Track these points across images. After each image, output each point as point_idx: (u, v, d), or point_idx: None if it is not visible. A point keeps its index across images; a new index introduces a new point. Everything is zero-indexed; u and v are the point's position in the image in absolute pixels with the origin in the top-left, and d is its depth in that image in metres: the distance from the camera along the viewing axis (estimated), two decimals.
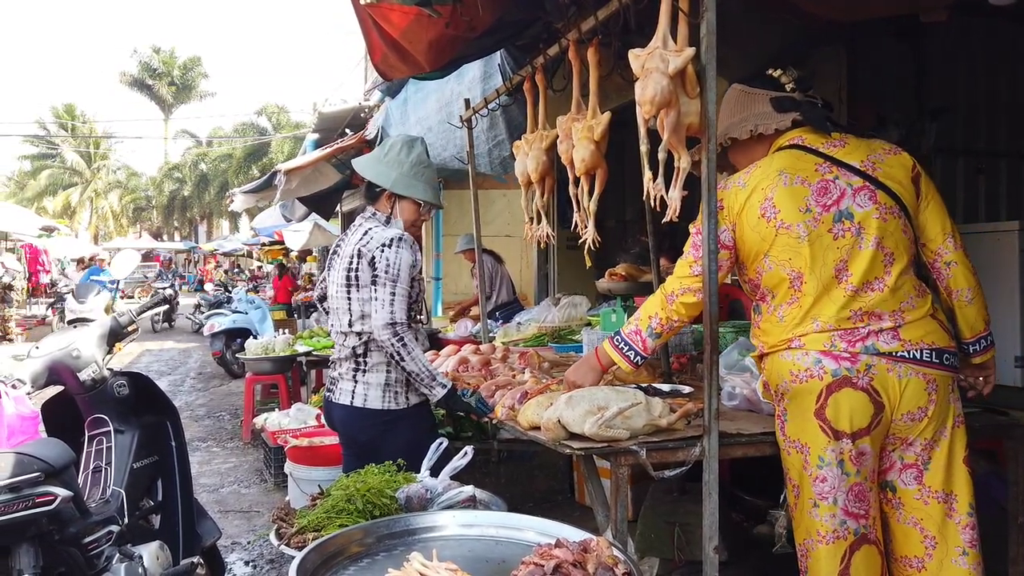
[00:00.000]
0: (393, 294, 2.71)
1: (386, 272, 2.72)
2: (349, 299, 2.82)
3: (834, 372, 2.05)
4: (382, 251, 2.74)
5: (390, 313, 2.70)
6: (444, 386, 2.78)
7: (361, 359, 2.82)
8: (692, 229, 2.29)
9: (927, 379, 2.07)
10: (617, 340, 2.39)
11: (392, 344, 2.70)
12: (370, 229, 2.84)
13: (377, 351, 2.80)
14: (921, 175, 2.19)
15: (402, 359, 2.72)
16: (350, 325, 2.83)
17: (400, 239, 2.78)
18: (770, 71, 2.33)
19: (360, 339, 2.81)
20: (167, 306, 3.47)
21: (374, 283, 2.74)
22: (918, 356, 2.06)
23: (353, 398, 2.83)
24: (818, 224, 2.10)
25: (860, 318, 2.07)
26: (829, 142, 2.20)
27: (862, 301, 2.07)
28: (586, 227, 2.90)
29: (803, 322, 2.10)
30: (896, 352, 2.05)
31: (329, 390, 2.97)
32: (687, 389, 2.81)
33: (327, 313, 3.21)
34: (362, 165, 3.00)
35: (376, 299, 2.73)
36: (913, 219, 2.16)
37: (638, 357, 2.36)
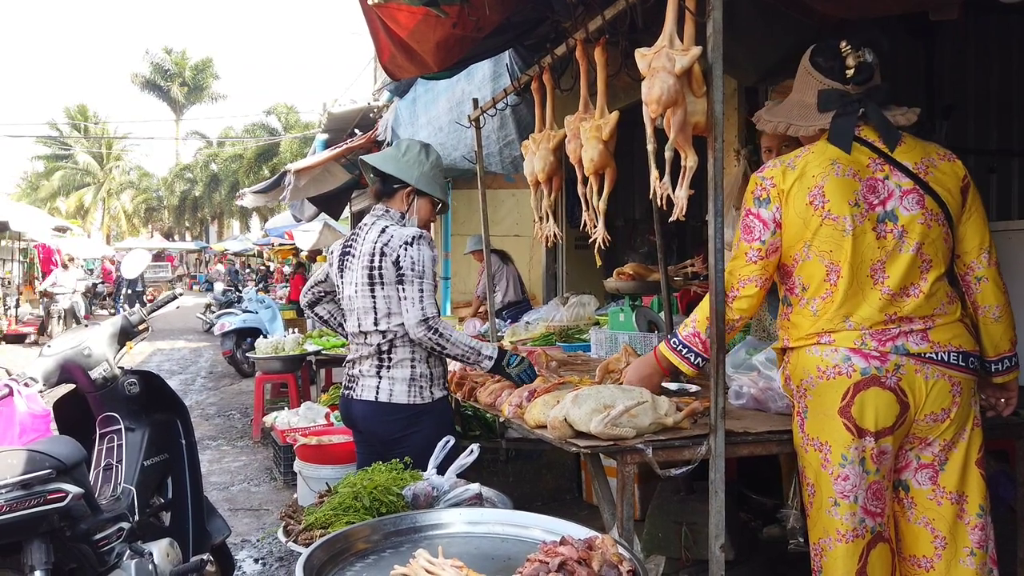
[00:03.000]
0: (422, 291, 2.75)
1: (412, 270, 2.75)
2: (373, 297, 2.83)
3: (863, 370, 2.03)
4: (406, 249, 2.77)
5: (421, 310, 2.73)
6: (491, 357, 2.85)
7: (386, 355, 2.83)
8: (743, 211, 2.18)
9: (952, 381, 2.06)
10: (675, 343, 2.30)
11: (430, 338, 2.74)
12: (387, 227, 2.85)
13: (402, 347, 2.82)
14: (970, 185, 2.16)
15: (444, 348, 2.77)
16: (375, 324, 2.84)
17: (420, 236, 2.81)
18: (842, 44, 2.13)
19: (385, 337, 2.83)
20: (176, 303, 3.47)
21: (401, 282, 2.76)
22: (946, 358, 2.05)
23: (378, 394, 2.83)
24: (864, 220, 2.06)
25: (892, 321, 2.05)
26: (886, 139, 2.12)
27: (896, 306, 2.05)
28: (595, 226, 2.90)
29: (835, 318, 2.07)
30: (925, 353, 2.04)
31: (348, 388, 2.97)
32: (694, 388, 2.81)
33: (319, 319, 3.18)
34: (379, 161, 3.00)
35: (405, 298, 2.75)
36: (955, 229, 2.13)
37: (699, 359, 2.26)
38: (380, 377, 2.84)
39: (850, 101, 2.12)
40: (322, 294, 3.14)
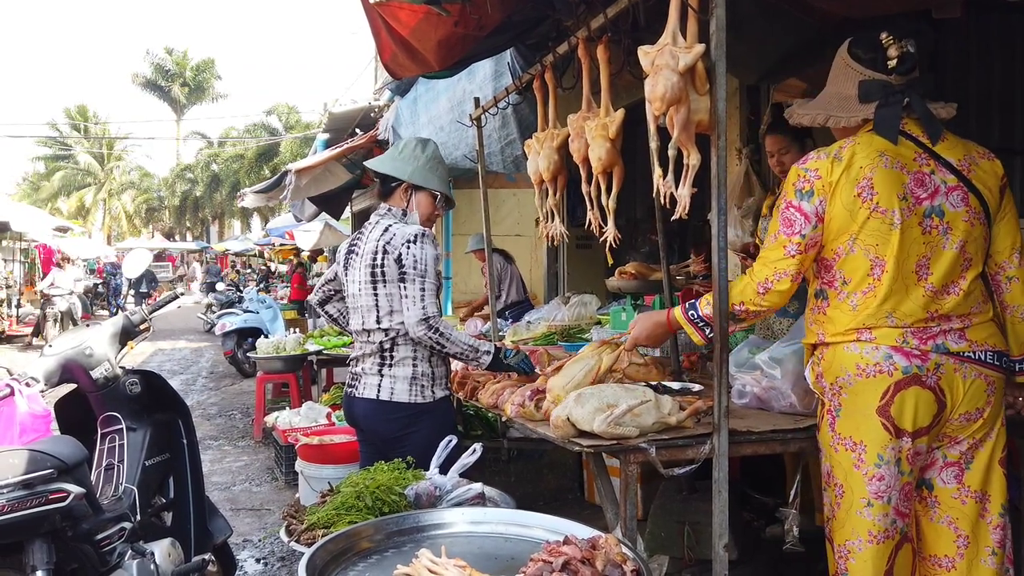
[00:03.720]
0: (423, 289, 2.75)
1: (414, 268, 2.76)
2: (376, 295, 2.83)
3: (905, 369, 2.00)
4: (408, 248, 2.77)
5: (422, 309, 2.74)
6: (488, 352, 2.89)
7: (388, 353, 2.84)
8: (783, 204, 2.11)
9: (988, 380, 2.05)
10: (692, 314, 2.23)
11: (430, 337, 2.75)
12: (390, 226, 2.86)
13: (404, 345, 2.82)
14: (1007, 186, 2.15)
15: (444, 347, 2.79)
16: (378, 321, 2.85)
17: (423, 235, 2.81)
18: (883, 35, 2.08)
19: (387, 335, 2.83)
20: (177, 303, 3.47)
21: (403, 280, 2.77)
22: (983, 357, 2.04)
23: (379, 392, 2.84)
24: (911, 214, 2.02)
25: (933, 319, 2.03)
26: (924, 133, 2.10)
27: (938, 304, 2.03)
28: (602, 225, 2.89)
29: (876, 314, 2.03)
30: (964, 352, 2.02)
31: (351, 386, 2.98)
32: (697, 387, 2.81)
33: (328, 316, 3.21)
34: (377, 163, 3.05)
35: (407, 296, 2.76)
36: (991, 228, 2.11)
37: (713, 334, 2.20)
38: (382, 375, 2.84)
39: (893, 92, 2.07)
40: (332, 292, 3.16)
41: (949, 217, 2.04)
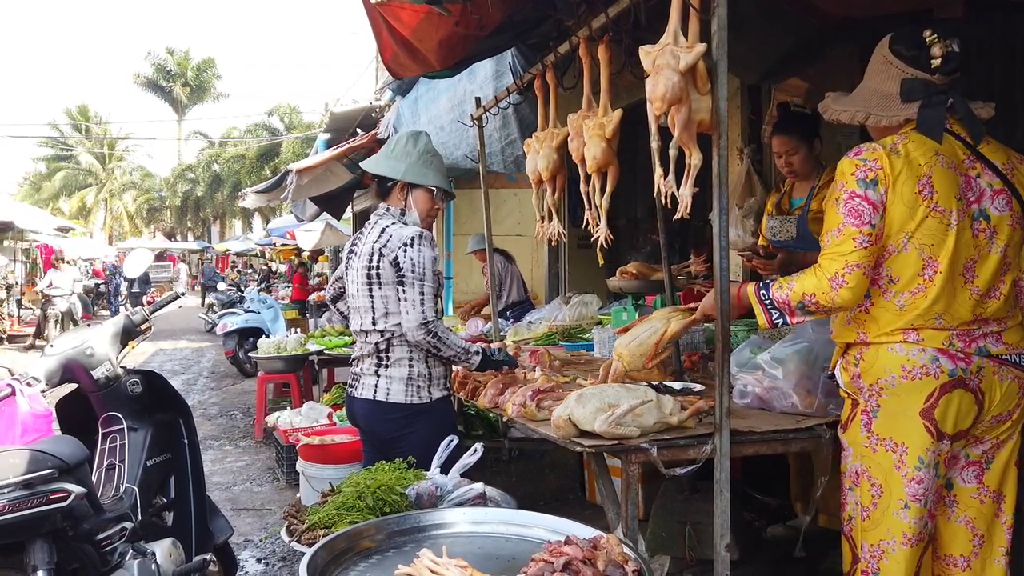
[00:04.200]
0: (422, 293, 2.75)
1: (412, 272, 2.75)
2: (371, 296, 2.84)
3: (951, 372, 1.98)
4: (405, 251, 2.76)
5: (421, 313, 2.74)
6: (478, 353, 2.92)
7: (384, 354, 2.85)
8: (844, 195, 2.02)
9: (1021, 383, 2.05)
10: (764, 296, 2.12)
11: (428, 341, 2.76)
12: (388, 227, 2.86)
13: (399, 346, 2.83)
14: None
15: (439, 350, 2.81)
16: (373, 323, 2.85)
17: (420, 236, 2.80)
18: (926, 33, 2.04)
19: (383, 336, 2.84)
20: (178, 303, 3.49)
21: (401, 283, 2.76)
22: (1018, 360, 2.05)
23: (376, 392, 2.85)
24: (964, 216, 2.01)
25: (976, 322, 2.02)
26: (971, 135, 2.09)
27: (982, 307, 2.03)
28: (598, 225, 2.89)
29: (925, 314, 2.00)
30: (1002, 355, 2.03)
31: (351, 386, 3.00)
32: (699, 387, 2.80)
33: (340, 314, 3.24)
34: (371, 164, 3.03)
35: (406, 299, 2.76)
36: None
37: (781, 320, 2.11)
38: (378, 376, 2.86)
39: (936, 91, 2.05)
40: (342, 289, 3.17)
41: (995, 221, 2.03)
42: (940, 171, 2.00)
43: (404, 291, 2.76)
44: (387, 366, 2.84)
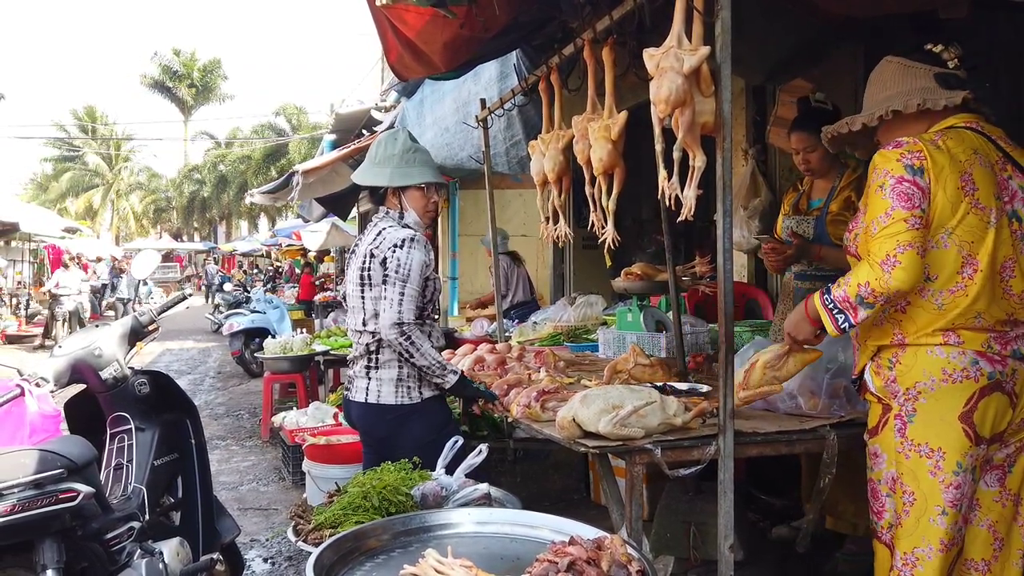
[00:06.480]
0: (402, 294, 2.75)
1: (396, 272, 2.76)
2: (363, 298, 2.86)
3: (990, 375, 1.97)
4: (394, 252, 2.77)
5: (398, 313, 2.73)
6: (455, 372, 2.87)
7: (374, 356, 2.86)
8: (890, 180, 1.97)
9: None
10: (827, 300, 2.06)
11: (400, 343, 2.74)
12: (384, 229, 2.87)
13: (388, 348, 2.84)
14: None
15: (411, 356, 2.77)
16: (364, 324, 2.87)
17: (412, 239, 2.80)
18: (930, 46, 2.13)
19: (373, 337, 2.85)
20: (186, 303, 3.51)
21: (384, 282, 2.78)
22: None
23: (367, 395, 2.86)
24: (1002, 215, 2.01)
25: (1008, 323, 2.01)
26: (1002, 136, 2.11)
27: (1016, 308, 2.02)
28: (604, 226, 2.90)
29: (966, 313, 1.97)
30: None
31: (347, 388, 3.02)
32: (704, 388, 2.81)
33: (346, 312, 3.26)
34: (360, 176, 3.02)
35: (385, 298, 2.76)
36: None
37: (847, 323, 2.02)
38: (369, 378, 2.87)
39: (967, 82, 2.09)
40: None
41: None
42: (980, 169, 2.01)
43: (385, 289, 2.77)
44: (377, 368, 2.85)
